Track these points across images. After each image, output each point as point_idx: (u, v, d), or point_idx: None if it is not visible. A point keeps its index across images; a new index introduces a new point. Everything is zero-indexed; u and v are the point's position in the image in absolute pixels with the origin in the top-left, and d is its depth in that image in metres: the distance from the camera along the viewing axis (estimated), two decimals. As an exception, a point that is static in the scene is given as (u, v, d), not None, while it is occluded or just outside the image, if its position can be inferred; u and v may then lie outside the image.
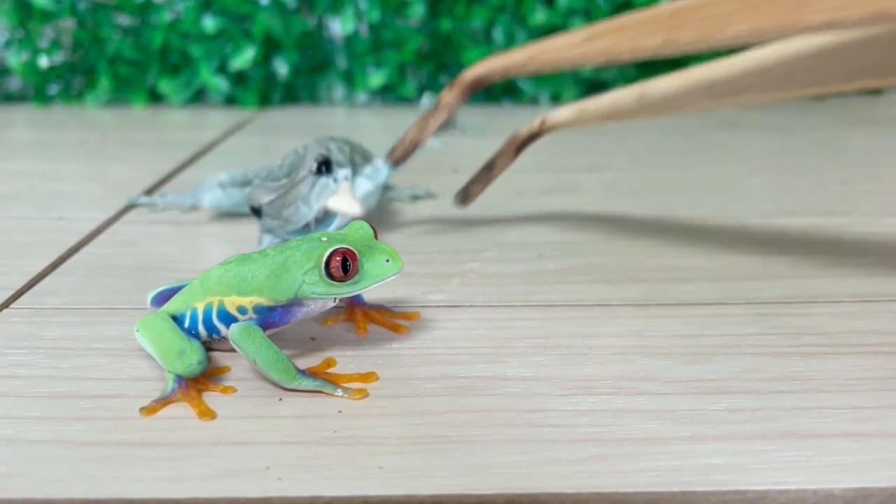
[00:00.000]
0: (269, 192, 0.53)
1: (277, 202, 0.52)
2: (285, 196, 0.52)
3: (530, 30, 1.07)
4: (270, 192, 0.53)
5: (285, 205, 0.52)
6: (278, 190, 0.52)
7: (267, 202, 0.52)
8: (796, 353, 0.41)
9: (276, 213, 0.52)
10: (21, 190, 0.71)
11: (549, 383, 0.39)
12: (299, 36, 1.08)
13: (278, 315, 0.39)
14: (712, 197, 0.66)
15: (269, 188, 0.53)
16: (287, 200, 0.52)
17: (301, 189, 0.52)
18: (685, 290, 0.49)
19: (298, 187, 0.52)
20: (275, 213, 0.52)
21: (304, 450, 0.34)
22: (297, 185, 0.52)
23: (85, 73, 1.11)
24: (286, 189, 0.52)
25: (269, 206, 0.52)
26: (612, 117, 0.55)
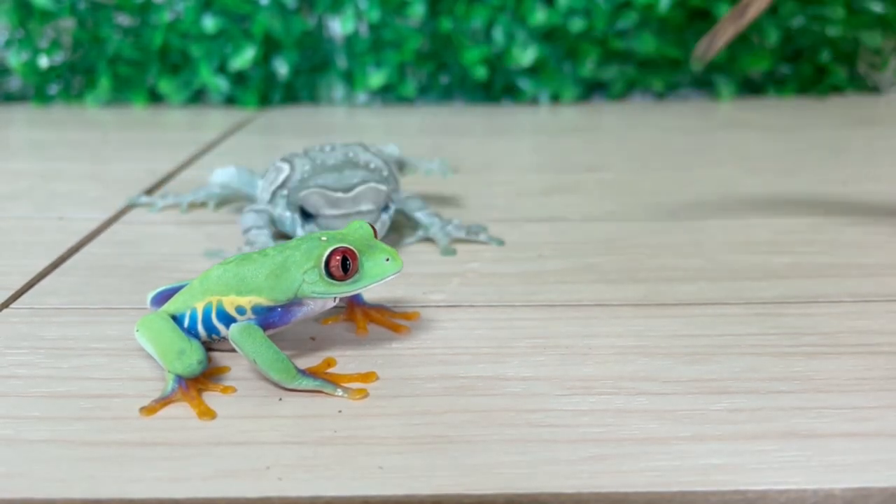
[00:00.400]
0: (332, 205, 0.52)
1: (338, 222, 0.52)
2: (348, 218, 0.52)
3: (530, 30, 1.07)
4: (332, 205, 0.52)
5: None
6: (340, 207, 0.52)
7: (327, 215, 0.52)
8: (796, 353, 0.41)
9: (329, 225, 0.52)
10: (21, 190, 0.71)
11: (549, 383, 0.39)
12: (299, 36, 1.08)
13: (278, 315, 0.39)
14: (711, 197, 0.66)
15: (330, 199, 0.53)
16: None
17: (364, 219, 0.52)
18: (685, 290, 0.49)
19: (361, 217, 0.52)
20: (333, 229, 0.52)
21: (304, 450, 0.34)
22: (358, 214, 0.53)
23: (85, 72, 1.11)
24: (348, 210, 0.53)
25: (327, 220, 0.53)
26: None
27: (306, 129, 0.99)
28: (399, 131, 0.99)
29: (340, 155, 0.57)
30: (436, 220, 0.56)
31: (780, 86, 1.11)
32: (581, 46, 1.08)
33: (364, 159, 0.56)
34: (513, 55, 1.08)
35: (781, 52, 1.10)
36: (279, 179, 0.56)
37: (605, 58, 1.09)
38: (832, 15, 1.08)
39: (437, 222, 0.56)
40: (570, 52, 1.09)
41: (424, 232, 0.56)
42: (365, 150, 0.58)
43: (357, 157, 0.57)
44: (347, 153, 0.57)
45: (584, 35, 1.07)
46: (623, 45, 1.08)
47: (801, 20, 1.09)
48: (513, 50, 1.08)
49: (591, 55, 1.08)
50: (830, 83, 1.11)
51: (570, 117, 1.05)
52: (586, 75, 1.09)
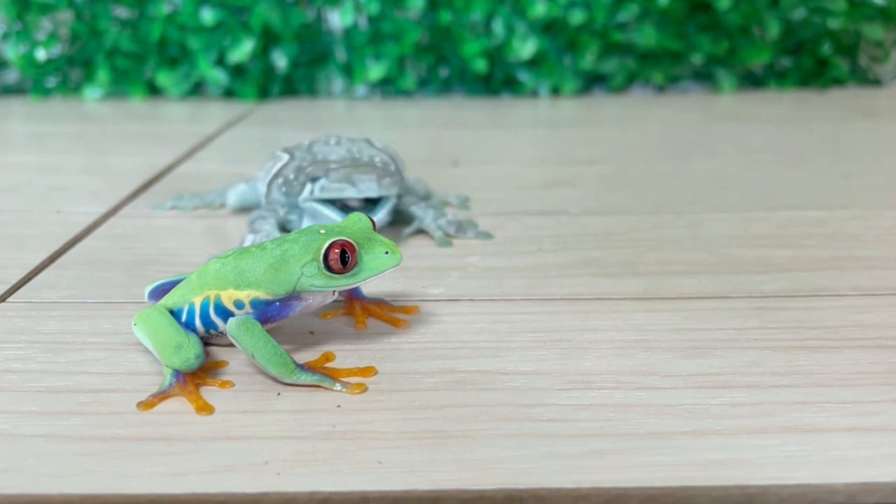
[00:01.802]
0: (333, 168, 0.53)
1: (350, 169, 0.53)
2: (360, 165, 0.53)
3: (530, 22, 1.07)
4: (334, 167, 0.53)
5: (360, 172, 0.53)
6: (343, 164, 0.53)
7: (338, 168, 0.53)
8: (798, 346, 0.41)
9: (346, 177, 0.52)
10: (19, 183, 0.71)
11: (550, 378, 0.38)
12: (298, 28, 1.08)
13: (276, 309, 0.39)
14: (713, 190, 0.66)
15: (331, 166, 0.53)
16: (363, 169, 0.53)
17: (376, 168, 0.54)
18: (686, 283, 0.48)
19: (372, 166, 0.54)
20: (343, 176, 0.52)
21: (303, 445, 0.34)
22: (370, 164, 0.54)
23: (83, 65, 1.11)
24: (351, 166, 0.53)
25: (337, 171, 0.53)
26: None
27: (305, 122, 0.98)
28: (399, 124, 0.99)
29: (344, 151, 0.56)
30: (430, 211, 0.56)
31: (781, 78, 1.11)
32: (581, 39, 1.07)
33: (369, 155, 0.56)
34: (513, 48, 1.07)
35: (782, 45, 1.09)
36: (275, 168, 0.56)
37: (605, 50, 1.08)
38: (833, 7, 1.07)
39: (430, 213, 0.56)
40: (571, 45, 1.08)
41: (419, 223, 0.56)
42: (370, 145, 0.58)
43: (361, 152, 0.56)
44: (351, 149, 0.56)
45: (585, 27, 1.07)
46: (623, 37, 1.07)
47: (803, 12, 1.08)
48: (513, 42, 1.07)
49: (592, 48, 1.08)
50: (832, 76, 1.11)
51: (570, 110, 1.04)
52: (586, 68, 1.09)
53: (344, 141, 0.58)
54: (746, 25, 1.08)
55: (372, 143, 0.58)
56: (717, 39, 1.08)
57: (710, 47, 1.08)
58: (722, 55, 1.09)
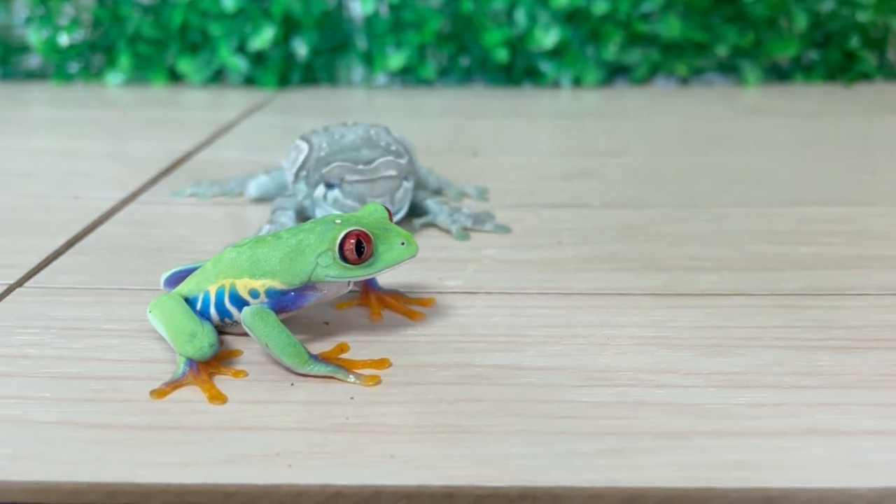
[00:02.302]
0: (355, 173, 0.52)
1: (363, 186, 0.52)
2: (374, 183, 0.52)
3: (553, 12, 1.05)
4: (355, 173, 0.52)
5: (374, 192, 0.52)
6: (363, 174, 0.52)
7: (352, 181, 0.52)
8: (822, 346, 0.40)
9: (359, 196, 0.52)
10: (39, 168, 0.71)
11: (566, 374, 0.38)
12: (319, 16, 1.07)
13: (291, 299, 0.39)
14: (737, 185, 0.65)
15: (353, 169, 0.53)
16: (377, 189, 0.52)
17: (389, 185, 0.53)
18: (708, 280, 0.47)
19: (386, 182, 0.53)
20: (356, 195, 0.52)
21: (315, 437, 0.33)
22: (383, 179, 0.53)
23: (105, 51, 1.11)
24: (372, 177, 0.52)
25: (350, 186, 0.52)
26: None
27: (325, 110, 0.98)
28: (418, 114, 0.98)
29: (362, 131, 0.56)
30: (444, 207, 0.56)
31: (807, 72, 1.09)
32: (604, 29, 1.06)
33: (385, 141, 0.56)
34: (535, 37, 1.06)
35: (809, 38, 1.07)
36: (299, 160, 0.56)
37: (628, 41, 1.07)
38: (862, 0, 1.05)
39: (445, 209, 0.55)
40: (593, 35, 1.07)
41: (432, 218, 0.55)
42: (388, 133, 0.57)
43: (379, 137, 0.56)
44: (369, 131, 0.57)
45: (608, 17, 1.05)
46: (647, 28, 1.06)
47: (831, 4, 1.06)
48: (535, 32, 1.06)
49: (615, 38, 1.06)
50: (859, 70, 1.09)
51: (592, 101, 1.03)
52: (609, 59, 1.08)
53: (362, 124, 0.58)
54: (773, 17, 1.06)
55: (390, 132, 0.58)
56: (743, 31, 1.06)
57: (735, 39, 1.06)
58: (747, 47, 1.07)
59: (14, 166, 0.71)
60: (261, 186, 0.60)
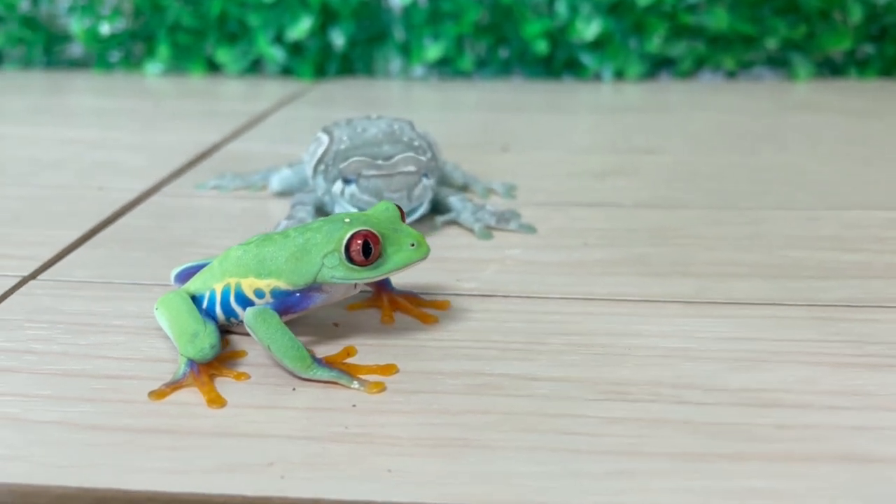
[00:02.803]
0: (372, 168, 0.51)
1: (380, 181, 0.50)
2: (391, 179, 0.51)
3: (595, 3, 1.02)
4: (373, 168, 0.51)
5: (391, 187, 0.50)
6: (381, 169, 0.51)
7: (368, 175, 0.51)
8: (858, 363, 0.37)
9: (375, 191, 0.50)
10: (67, 157, 0.71)
11: (581, 386, 0.36)
12: (357, 6, 1.06)
13: (296, 300, 0.38)
14: (778, 185, 0.62)
15: (371, 164, 0.51)
16: (393, 184, 0.51)
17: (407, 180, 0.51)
18: (740, 287, 0.45)
19: (404, 177, 0.51)
20: (373, 190, 0.50)
21: (312, 446, 0.32)
22: (401, 175, 0.51)
23: (145, 40, 1.11)
24: (390, 171, 0.51)
25: (367, 181, 0.51)
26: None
27: (359, 102, 0.97)
28: (452, 106, 0.96)
29: (385, 125, 0.55)
30: (468, 204, 0.54)
31: (861, 67, 1.04)
32: (648, 20, 1.03)
33: (409, 136, 0.54)
34: (576, 29, 1.03)
35: (865, 31, 1.03)
36: (318, 153, 0.54)
37: (673, 33, 1.04)
38: (924, -9, 1.00)
39: (469, 207, 0.54)
40: (637, 27, 1.04)
41: (455, 216, 0.54)
42: (412, 128, 0.56)
43: (402, 132, 0.55)
44: (392, 125, 0.55)
45: (652, 8, 1.02)
46: (693, 19, 1.02)
47: (889, -4, 1.01)
48: (576, 23, 1.03)
49: (659, 30, 1.03)
50: (918, 65, 1.04)
51: (633, 95, 1.00)
52: (653, 51, 1.04)
53: (386, 118, 0.56)
54: (826, 9, 1.02)
55: (413, 127, 0.56)
56: (794, 23, 1.02)
57: (786, 32, 1.02)
58: (799, 40, 1.03)
59: (44, 155, 0.71)
60: (284, 180, 0.59)
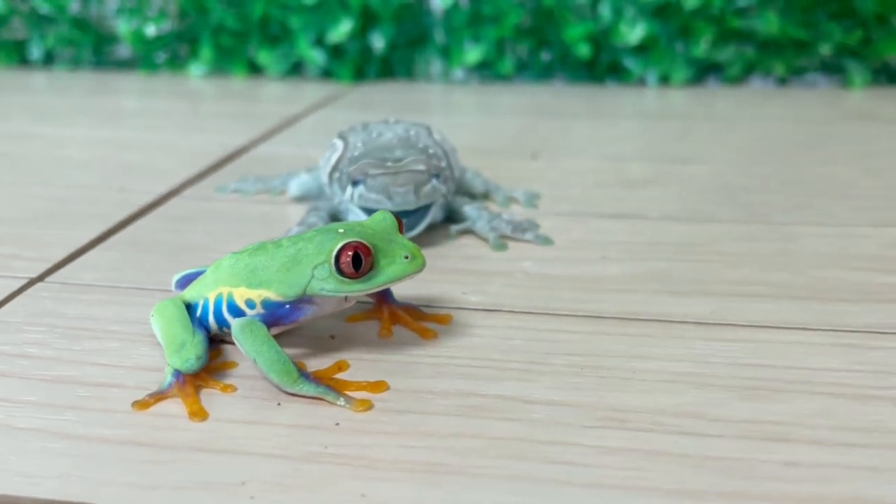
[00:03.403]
0: (380, 167, 0.50)
1: (387, 177, 0.49)
2: (397, 175, 0.49)
3: (640, 5, 1.00)
4: (381, 167, 0.50)
5: (396, 183, 0.49)
6: (389, 168, 0.49)
7: (375, 174, 0.49)
8: (881, 396, 0.34)
9: (382, 188, 0.49)
10: (94, 158, 0.71)
11: (578, 411, 0.34)
12: (397, 8, 1.05)
13: (286, 312, 0.36)
14: (817, 199, 0.58)
15: (379, 165, 0.50)
16: (399, 180, 0.49)
17: (414, 177, 0.49)
18: (762, 308, 0.42)
19: (411, 174, 0.49)
20: (379, 187, 0.49)
21: (287, 466, 0.31)
22: (409, 171, 0.49)
23: (190, 42, 1.12)
24: (398, 169, 0.49)
25: (374, 179, 0.49)
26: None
27: (395, 106, 0.96)
28: (488, 111, 0.95)
29: (401, 130, 0.54)
30: (484, 213, 0.52)
31: (923, 73, 0.99)
32: (695, 24, 0.99)
33: (424, 142, 0.53)
34: (620, 32, 1.01)
35: (928, 36, 0.98)
36: (333, 159, 0.54)
37: (721, 37, 1.00)
38: None
39: (484, 216, 0.52)
40: (683, 30, 1.00)
41: (470, 225, 0.52)
42: (429, 134, 0.55)
43: (418, 137, 0.53)
44: (409, 131, 0.54)
45: (700, 12, 0.99)
46: (742, 23, 0.99)
47: (955, 0, 0.96)
48: (620, 27, 1.01)
49: (706, 34, 1.00)
50: (985, 72, 0.98)
51: (678, 101, 0.97)
52: (699, 56, 1.01)
53: (403, 123, 0.55)
54: (884, 13, 0.97)
55: (431, 133, 0.55)
56: (850, 28, 0.97)
57: (841, 37, 0.98)
58: (854, 46, 0.98)
59: (72, 155, 0.72)
60: (302, 185, 0.58)
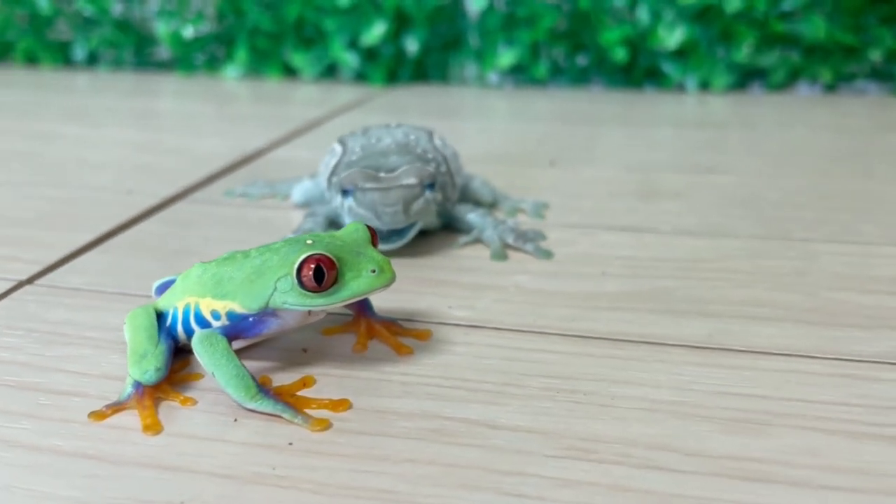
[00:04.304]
0: (370, 180, 0.47)
1: (376, 194, 0.47)
2: (387, 192, 0.47)
3: (680, 9, 0.96)
4: (371, 180, 0.47)
5: (385, 202, 0.47)
6: (379, 181, 0.47)
7: (365, 188, 0.47)
8: (877, 435, 0.32)
9: (370, 205, 0.47)
10: (110, 160, 0.72)
11: (544, 439, 0.32)
12: (432, 11, 1.04)
13: (249, 325, 0.35)
14: (844, 215, 0.55)
15: (370, 175, 0.48)
16: (389, 198, 0.47)
17: (404, 194, 0.47)
18: (764, 332, 0.40)
19: (401, 191, 0.47)
20: (368, 204, 0.47)
21: (230, 486, 0.30)
22: (399, 188, 0.47)
23: (227, 44, 1.13)
24: (388, 185, 0.47)
25: (363, 194, 0.47)
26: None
27: (423, 110, 0.95)
28: (519, 116, 0.93)
29: (401, 135, 0.52)
30: (489, 220, 0.50)
31: (983, 81, 0.94)
32: (737, 28, 0.96)
33: (423, 147, 0.51)
34: (658, 36, 0.98)
35: None
36: (332, 164, 0.53)
37: (764, 42, 0.96)
38: None
39: (490, 222, 0.50)
40: (724, 34, 0.97)
41: (478, 234, 0.50)
42: (429, 139, 0.53)
43: (417, 142, 0.52)
44: (409, 136, 0.53)
45: (742, 15, 0.95)
46: (787, 27, 0.95)
47: None
48: (658, 30, 0.98)
49: (749, 38, 0.96)
50: None
51: (718, 108, 0.93)
52: (741, 61, 0.97)
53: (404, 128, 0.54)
54: (941, 17, 0.92)
55: (432, 138, 0.53)
56: (903, 33, 0.93)
57: (892, 42, 0.93)
58: (908, 51, 0.93)
59: (88, 157, 0.73)
60: (305, 191, 0.57)
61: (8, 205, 0.60)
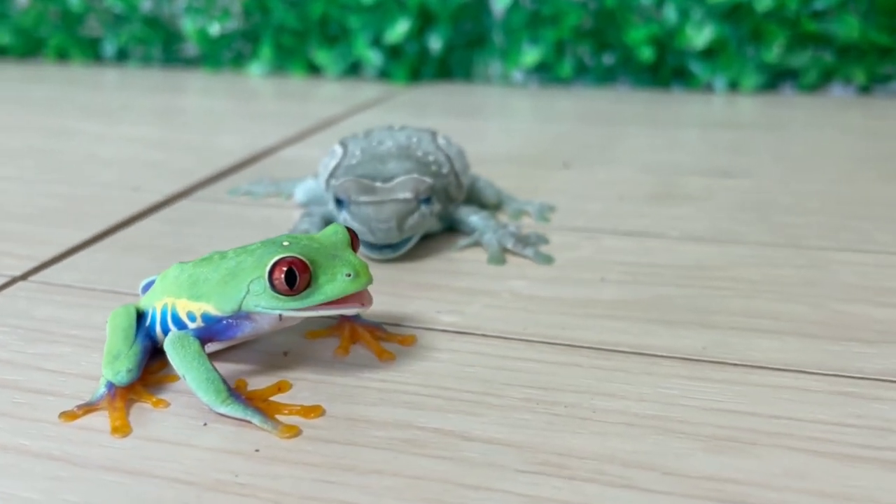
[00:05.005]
0: (364, 192, 0.46)
1: (370, 209, 0.46)
2: (381, 207, 0.46)
3: (708, 7, 0.94)
4: (365, 192, 0.46)
5: (379, 217, 0.45)
6: (374, 194, 0.46)
7: (359, 201, 0.46)
8: (872, 458, 0.30)
9: (364, 219, 0.46)
10: (121, 156, 0.72)
11: (517, 453, 0.31)
12: (456, 8, 1.03)
13: (222, 328, 0.35)
14: (860, 222, 0.53)
15: (365, 187, 0.47)
16: (383, 213, 0.46)
17: (398, 209, 0.46)
18: (761, 345, 0.38)
19: (396, 206, 0.46)
20: (362, 218, 0.46)
21: (190, 493, 0.29)
22: (393, 203, 0.46)
23: (253, 41, 1.13)
24: (382, 198, 0.46)
25: (357, 207, 0.46)
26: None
27: (446, 108, 0.94)
28: (538, 115, 0.91)
29: (403, 138, 0.52)
30: (491, 223, 0.49)
31: None
32: (767, 27, 0.93)
33: (424, 150, 0.50)
34: (685, 35, 0.95)
35: None
36: (331, 166, 0.52)
37: (795, 41, 0.93)
38: None
39: (491, 226, 0.49)
40: (754, 34, 0.94)
41: (477, 237, 0.49)
42: (431, 140, 0.52)
43: (419, 146, 0.51)
44: (411, 138, 0.52)
45: (773, 14, 0.92)
46: (819, 27, 0.92)
47: None
48: (686, 29, 0.95)
49: (779, 38, 0.93)
50: None
51: (747, 109, 0.91)
52: (772, 61, 0.94)
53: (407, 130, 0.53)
54: (983, 16, 0.88)
55: (434, 139, 0.52)
56: (942, 32, 0.89)
57: None
58: (947, 52, 0.90)
59: (101, 153, 0.73)
60: (307, 191, 0.57)
61: (14, 201, 0.60)
